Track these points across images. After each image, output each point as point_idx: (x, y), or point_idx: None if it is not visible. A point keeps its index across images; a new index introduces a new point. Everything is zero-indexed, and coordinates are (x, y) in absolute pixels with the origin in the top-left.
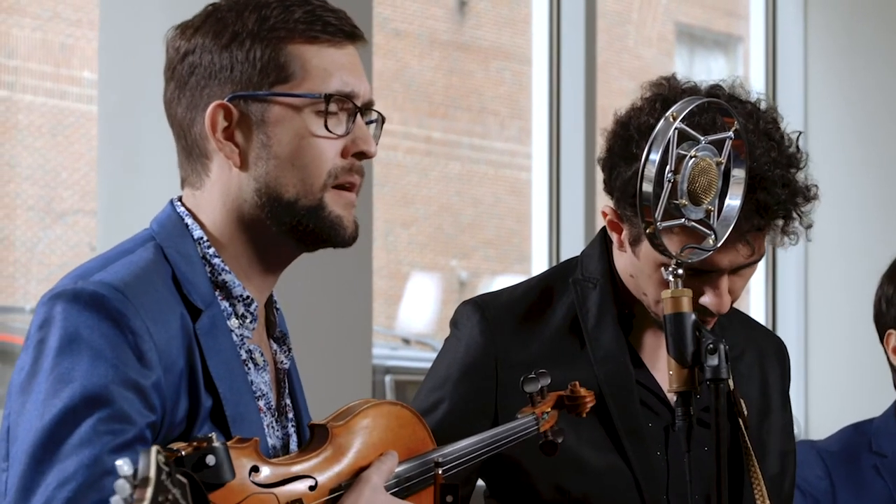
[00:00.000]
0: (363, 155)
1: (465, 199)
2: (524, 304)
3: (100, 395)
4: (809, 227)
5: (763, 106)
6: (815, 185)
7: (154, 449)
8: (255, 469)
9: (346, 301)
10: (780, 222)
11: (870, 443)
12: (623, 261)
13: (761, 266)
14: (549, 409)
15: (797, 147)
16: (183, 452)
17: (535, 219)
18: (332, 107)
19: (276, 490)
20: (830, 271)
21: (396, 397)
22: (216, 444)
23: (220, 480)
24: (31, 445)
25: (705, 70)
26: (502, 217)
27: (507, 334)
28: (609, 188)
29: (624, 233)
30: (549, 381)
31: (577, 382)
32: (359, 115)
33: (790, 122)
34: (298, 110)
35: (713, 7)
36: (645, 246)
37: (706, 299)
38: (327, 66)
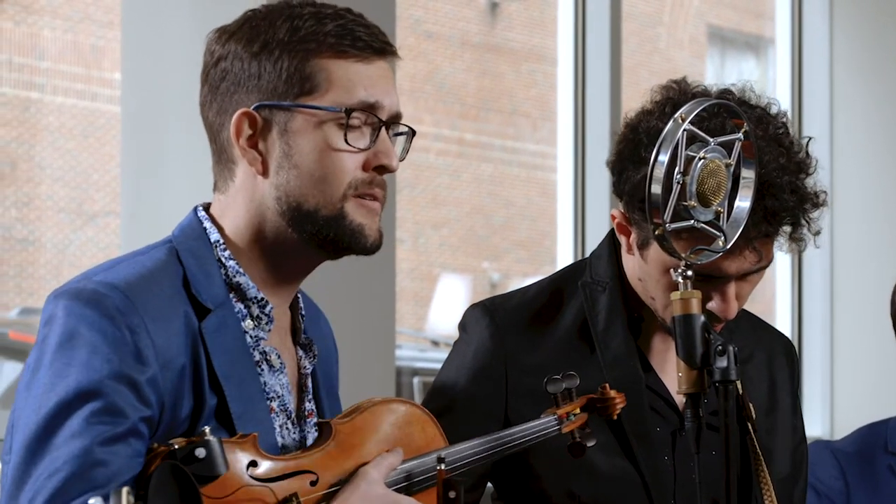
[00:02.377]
0: (384, 169)
1: (497, 201)
2: (533, 308)
3: (93, 388)
4: (818, 233)
5: (773, 111)
6: (824, 192)
7: (125, 490)
8: (253, 464)
9: (370, 302)
10: (789, 228)
11: (885, 443)
12: (631, 264)
13: (787, 266)
14: (577, 411)
15: (807, 153)
16: (176, 446)
17: (560, 220)
18: (354, 120)
19: (272, 485)
20: (856, 272)
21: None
22: (209, 437)
23: (212, 473)
24: (27, 438)
25: (736, 72)
26: (534, 219)
27: (516, 338)
28: (618, 191)
29: (632, 236)
30: (578, 382)
31: (606, 385)
32: (383, 129)
33: (816, 122)
34: (321, 122)
35: (745, 9)
36: (653, 249)
37: (713, 305)
38: (352, 78)
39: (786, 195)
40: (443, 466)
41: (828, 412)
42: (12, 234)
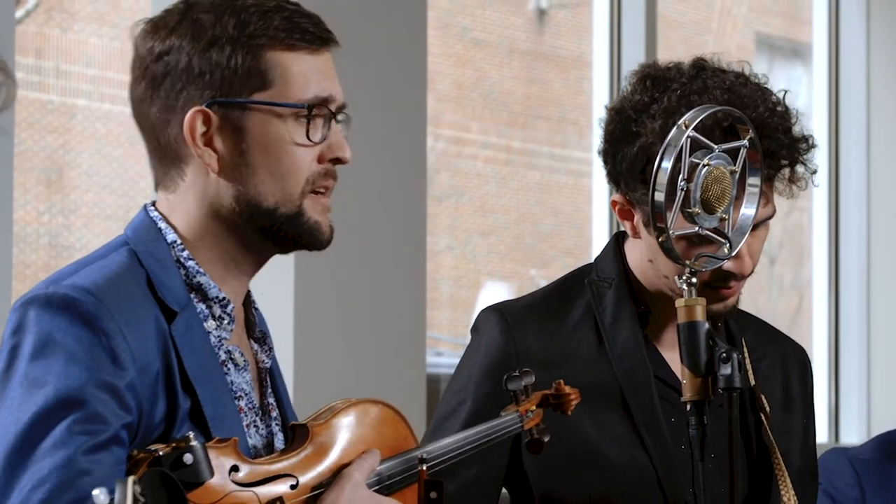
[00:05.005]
0: (339, 161)
1: (545, 209)
2: (542, 307)
3: (73, 397)
4: (814, 172)
5: (747, 71)
6: (811, 135)
7: (130, 479)
8: (234, 468)
9: (402, 310)
10: (787, 171)
11: None
12: (638, 251)
13: (824, 273)
14: (534, 408)
15: (785, 106)
16: (161, 452)
17: (595, 226)
18: (313, 114)
19: (256, 489)
20: (893, 278)
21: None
22: (193, 443)
23: (198, 479)
24: (7, 450)
25: (784, 79)
26: (581, 226)
27: (525, 334)
28: (614, 175)
29: (636, 217)
30: (534, 379)
31: (561, 381)
32: (333, 121)
33: (853, 126)
34: (279, 118)
35: (792, 17)
36: None
37: (729, 264)
38: (306, 73)
39: (780, 135)
40: (424, 467)
41: (864, 422)
42: (59, 242)
